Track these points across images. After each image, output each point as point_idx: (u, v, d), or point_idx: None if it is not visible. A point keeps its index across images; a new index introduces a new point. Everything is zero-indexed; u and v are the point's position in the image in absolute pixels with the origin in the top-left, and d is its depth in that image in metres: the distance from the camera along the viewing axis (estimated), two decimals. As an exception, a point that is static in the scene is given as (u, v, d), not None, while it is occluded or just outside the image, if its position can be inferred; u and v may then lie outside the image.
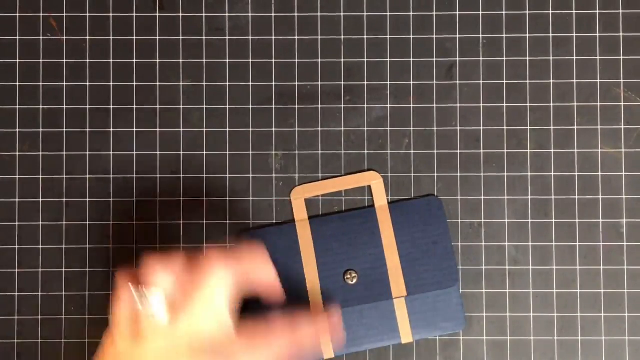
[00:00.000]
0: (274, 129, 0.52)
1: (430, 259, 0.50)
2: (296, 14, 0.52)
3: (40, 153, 0.52)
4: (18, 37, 0.52)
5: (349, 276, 0.50)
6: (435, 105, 0.52)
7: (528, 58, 0.52)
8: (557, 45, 0.52)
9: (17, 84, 0.52)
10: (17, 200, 0.52)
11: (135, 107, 0.52)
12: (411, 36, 0.52)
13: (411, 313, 0.50)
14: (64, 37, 0.52)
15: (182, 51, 0.52)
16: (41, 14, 0.52)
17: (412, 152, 0.52)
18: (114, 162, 0.52)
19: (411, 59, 0.52)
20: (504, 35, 0.52)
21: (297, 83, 0.52)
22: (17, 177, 0.52)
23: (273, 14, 0.52)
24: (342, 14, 0.52)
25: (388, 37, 0.52)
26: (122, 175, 0.52)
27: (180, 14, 0.52)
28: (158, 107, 0.52)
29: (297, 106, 0.52)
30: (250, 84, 0.52)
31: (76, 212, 0.52)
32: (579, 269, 0.51)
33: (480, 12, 0.52)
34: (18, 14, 0.52)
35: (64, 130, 0.52)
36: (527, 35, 0.52)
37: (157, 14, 0.52)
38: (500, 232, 0.51)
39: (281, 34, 0.52)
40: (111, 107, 0.52)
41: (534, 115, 0.52)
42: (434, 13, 0.52)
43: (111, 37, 0.52)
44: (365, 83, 0.52)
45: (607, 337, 0.51)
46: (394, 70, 0.52)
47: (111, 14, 0.52)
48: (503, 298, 0.51)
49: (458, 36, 0.52)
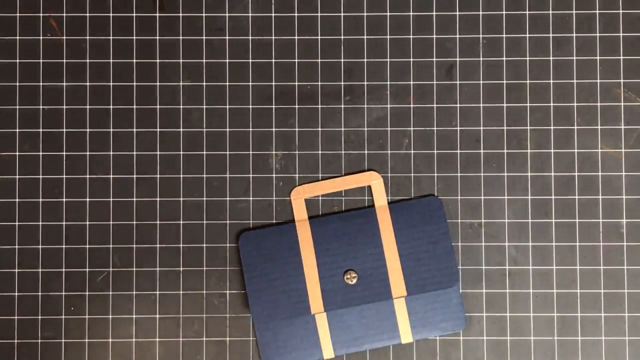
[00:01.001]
0: (274, 129, 0.52)
1: (430, 259, 0.50)
2: (296, 14, 0.52)
3: (40, 153, 0.52)
4: (18, 37, 0.52)
5: (348, 276, 0.50)
6: (435, 105, 0.52)
7: (528, 58, 0.52)
8: (557, 45, 0.52)
9: (17, 84, 0.52)
10: (17, 200, 0.52)
11: (135, 107, 0.52)
12: (411, 36, 0.52)
13: (411, 313, 0.50)
14: (64, 37, 0.52)
15: (182, 51, 0.52)
16: (41, 14, 0.52)
17: (412, 152, 0.52)
18: (114, 162, 0.52)
19: (411, 59, 0.52)
20: (504, 35, 0.52)
21: (297, 83, 0.52)
22: (17, 177, 0.52)
23: (273, 14, 0.52)
24: (342, 14, 0.52)
25: (388, 37, 0.52)
26: (122, 175, 0.52)
27: (180, 14, 0.52)
28: (158, 107, 0.52)
29: (297, 106, 0.52)
30: (250, 84, 0.52)
31: (76, 213, 0.52)
32: (579, 269, 0.51)
33: (480, 12, 0.52)
34: (18, 14, 0.52)
35: (64, 130, 0.52)
36: (527, 35, 0.52)
37: (157, 14, 0.52)
38: (500, 232, 0.51)
39: (281, 34, 0.52)
40: (111, 107, 0.52)
41: (534, 115, 0.52)
42: (434, 13, 0.52)
43: (111, 37, 0.52)
44: (365, 83, 0.52)
45: (607, 337, 0.51)
46: (394, 70, 0.52)
47: (111, 14, 0.52)
48: (503, 298, 0.51)
49: (458, 36, 0.52)
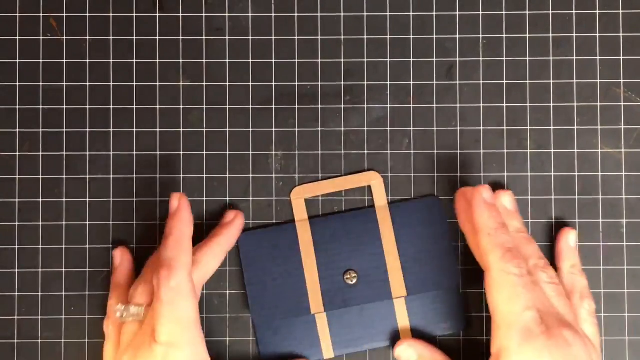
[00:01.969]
0: (274, 129, 0.52)
1: (431, 259, 0.50)
2: (296, 14, 0.52)
3: (40, 153, 0.52)
4: (18, 37, 0.52)
5: (348, 276, 0.50)
6: (435, 105, 0.52)
7: (528, 58, 0.52)
8: (557, 45, 0.52)
9: (17, 84, 0.52)
10: (17, 200, 0.52)
11: (135, 107, 0.52)
12: (411, 36, 0.52)
13: (411, 313, 0.50)
14: (64, 37, 0.52)
15: (182, 51, 0.52)
16: (41, 14, 0.52)
17: (412, 152, 0.52)
18: (114, 162, 0.52)
19: (411, 59, 0.52)
20: (504, 35, 0.52)
21: (297, 83, 0.52)
22: (17, 177, 0.52)
23: (273, 14, 0.52)
24: (342, 14, 0.52)
25: (388, 37, 0.52)
26: (122, 175, 0.52)
27: (180, 14, 0.52)
28: (158, 107, 0.52)
29: (297, 106, 0.52)
30: (250, 84, 0.52)
31: (76, 212, 0.52)
32: (579, 269, 0.51)
33: (480, 12, 0.52)
34: (18, 14, 0.52)
35: (64, 130, 0.52)
36: (527, 35, 0.52)
37: (157, 14, 0.52)
38: (500, 232, 0.51)
39: (281, 34, 0.52)
40: (111, 107, 0.52)
41: (534, 115, 0.52)
42: (434, 13, 0.52)
43: (111, 37, 0.52)
44: (365, 83, 0.52)
45: (607, 337, 0.51)
46: (394, 70, 0.52)
47: (111, 14, 0.52)
48: (503, 298, 0.51)
49: (458, 36, 0.52)
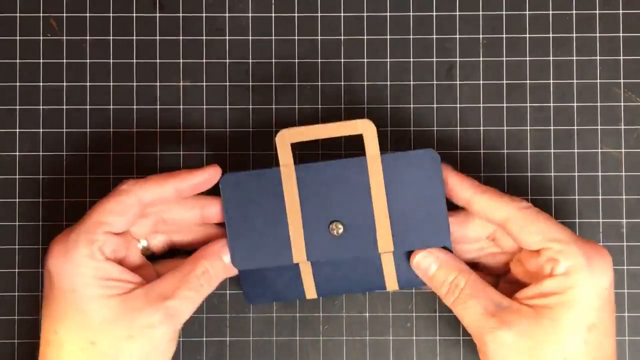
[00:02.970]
0: (274, 129, 0.52)
1: (421, 214, 0.47)
2: (296, 14, 0.52)
3: (41, 153, 0.52)
4: (18, 37, 0.52)
5: (334, 227, 0.47)
6: (435, 105, 0.52)
7: (528, 58, 0.52)
8: (557, 45, 0.52)
9: (17, 84, 0.52)
10: (17, 200, 0.52)
11: (135, 107, 0.52)
12: (411, 36, 0.52)
13: (398, 267, 0.48)
14: (64, 37, 0.52)
15: (182, 51, 0.52)
16: (41, 14, 0.52)
17: (412, 152, 0.52)
18: (114, 162, 0.52)
19: (411, 59, 0.52)
20: (504, 35, 0.52)
21: (297, 83, 0.52)
22: (17, 177, 0.52)
23: (273, 14, 0.52)
24: (342, 14, 0.52)
25: (388, 37, 0.52)
26: (122, 175, 0.52)
27: (180, 14, 0.52)
28: (158, 107, 0.52)
29: (297, 106, 0.52)
30: (250, 84, 0.52)
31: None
32: (579, 269, 0.51)
33: (480, 12, 0.52)
34: (18, 14, 0.52)
35: (64, 130, 0.52)
36: (527, 35, 0.52)
37: (157, 14, 0.52)
38: (500, 232, 0.51)
39: (281, 34, 0.52)
40: (111, 107, 0.52)
41: (534, 115, 0.52)
42: (434, 13, 0.52)
43: (111, 37, 0.52)
44: (365, 83, 0.52)
45: (607, 337, 0.51)
46: (394, 70, 0.52)
47: (111, 14, 0.52)
48: (503, 298, 0.51)
49: (458, 36, 0.52)
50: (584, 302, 0.42)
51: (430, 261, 0.46)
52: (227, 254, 0.47)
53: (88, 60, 0.52)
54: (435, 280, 0.46)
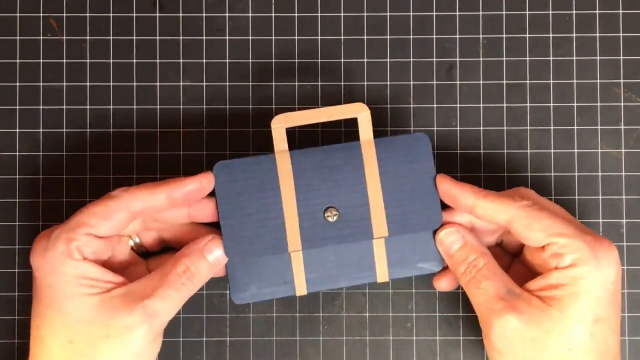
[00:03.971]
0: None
1: (415, 198, 0.47)
2: (296, 14, 0.52)
3: (41, 153, 0.52)
4: (18, 37, 0.52)
5: (329, 214, 0.47)
6: (435, 105, 0.52)
7: (528, 58, 0.52)
8: (557, 45, 0.52)
9: (17, 84, 0.52)
10: (17, 200, 0.52)
11: (135, 107, 0.52)
12: (411, 36, 0.52)
13: (389, 252, 0.48)
14: (64, 37, 0.52)
15: (182, 51, 0.52)
16: (41, 14, 0.52)
17: (412, 152, 0.52)
18: (114, 162, 0.52)
19: (411, 59, 0.52)
20: (504, 35, 0.52)
21: (297, 83, 0.52)
22: (17, 177, 0.52)
23: (273, 14, 0.52)
24: (342, 14, 0.52)
25: (388, 37, 0.52)
26: (122, 175, 0.52)
27: (180, 14, 0.52)
28: (158, 107, 0.52)
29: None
30: (250, 84, 0.52)
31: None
32: (579, 269, 0.51)
33: (480, 12, 0.52)
34: (18, 14, 0.52)
35: (64, 130, 0.52)
36: (527, 35, 0.52)
37: (157, 14, 0.52)
38: (500, 232, 0.51)
39: (281, 34, 0.52)
40: (111, 107, 0.52)
41: (534, 115, 0.52)
42: (434, 13, 0.52)
43: (111, 37, 0.52)
44: (365, 83, 0.52)
45: (607, 337, 0.51)
46: (394, 70, 0.52)
47: (111, 14, 0.52)
48: (503, 298, 0.51)
49: (458, 36, 0.52)
50: (591, 293, 0.42)
51: (455, 239, 0.47)
52: (210, 252, 0.46)
53: (88, 60, 0.52)
54: (455, 257, 0.47)
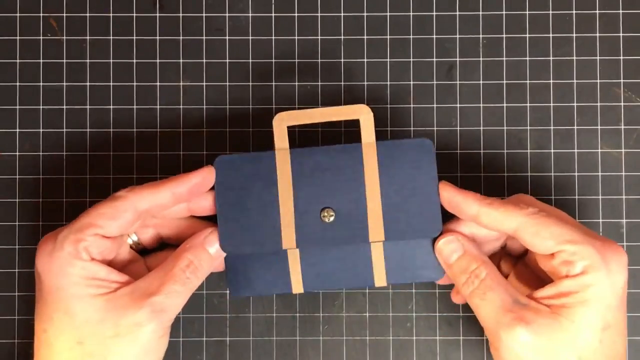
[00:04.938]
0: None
1: (414, 204, 0.46)
2: (296, 14, 0.52)
3: (41, 153, 0.52)
4: (18, 37, 0.52)
5: (326, 214, 0.46)
6: (435, 105, 0.52)
7: (528, 58, 0.52)
8: (557, 45, 0.52)
9: (17, 84, 0.52)
10: (17, 200, 0.52)
11: (135, 107, 0.52)
12: (411, 36, 0.52)
13: (388, 257, 0.47)
14: (64, 37, 0.52)
15: (182, 51, 0.52)
16: (41, 14, 0.52)
17: (412, 152, 0.52)
18: (114, 162, 0.52)
19: (411, 59, 0.52)
20: (504, 35, 0.52)
21: (297, 83, 0.52)
22: (17, 177, 0.52)
23: (273, 14, 0.52)
24: (342, 14, 0.52)
25: (388, 37, 0.52)
26: (122, 175, 0.52)
27: (180, 14, 0.52)
28: (158, 107, 0.52)
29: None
30: (250, 84, 0.52)
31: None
32: (579, 269, 0.51)
33: (480, 12, 0.52)
34: (18, 14, 0.52)
35: (64, 130, 0.52)
36: (527, 35, 0.52)
37: (157, 14, 0.52)
38: (500, 232, 0.51)
39: (281, 34, 0.52)
40: (111, 107, 0.52)
41: (534, 115, 0.52)
42: (434, 13, 0.52)
43: (111, 37, 0.52)
44: (365, 83, 0.52)
45: (607, 337, 0.51)
46: (394, 70, 0.52)
47: (111, 14, 0.52)
48: (503, 298, 0.51)
49: (458, 36, 0.52)
50: (602, 301, 0.42)
51: (454, 247, 0.46)
52: (211, 244, 0.46)
53: (88, 60, 0.52)
54: (455, 267, 0.45)
